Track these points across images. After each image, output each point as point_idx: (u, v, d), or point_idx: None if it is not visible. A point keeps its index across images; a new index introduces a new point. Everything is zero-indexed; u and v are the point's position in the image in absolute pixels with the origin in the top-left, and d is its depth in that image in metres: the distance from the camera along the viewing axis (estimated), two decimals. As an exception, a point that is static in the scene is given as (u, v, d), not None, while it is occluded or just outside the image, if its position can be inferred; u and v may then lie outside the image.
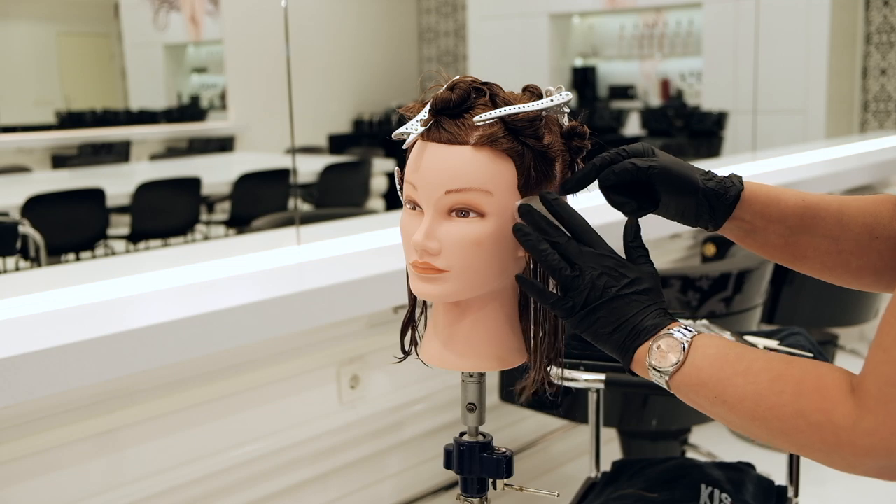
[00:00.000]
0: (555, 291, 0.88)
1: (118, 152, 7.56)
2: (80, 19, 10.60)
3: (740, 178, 0.98)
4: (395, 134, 0.92)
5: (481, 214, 0.87)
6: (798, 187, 1.35)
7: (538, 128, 0.89)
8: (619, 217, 0.96)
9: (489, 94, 0.89)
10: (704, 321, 1.59)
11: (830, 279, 1.01)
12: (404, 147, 0.92)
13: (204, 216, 5.72)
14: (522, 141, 0.88)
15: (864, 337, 3.82)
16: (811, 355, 1.49)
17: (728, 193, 0.96)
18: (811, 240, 0.98)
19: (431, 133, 0.89)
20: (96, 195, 4.62)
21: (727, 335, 1.60)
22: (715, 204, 0.96)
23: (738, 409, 0.79)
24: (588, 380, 1.50)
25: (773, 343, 1.55)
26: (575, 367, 1.54)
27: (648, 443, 2.33)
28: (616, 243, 0.88)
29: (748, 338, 1.57)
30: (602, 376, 1.50)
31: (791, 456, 1.50)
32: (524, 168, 0.88)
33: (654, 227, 2.60)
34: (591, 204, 0.99)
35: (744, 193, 0.97)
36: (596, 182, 0.94)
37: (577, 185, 0.92)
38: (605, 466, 1.72)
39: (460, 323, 0.94)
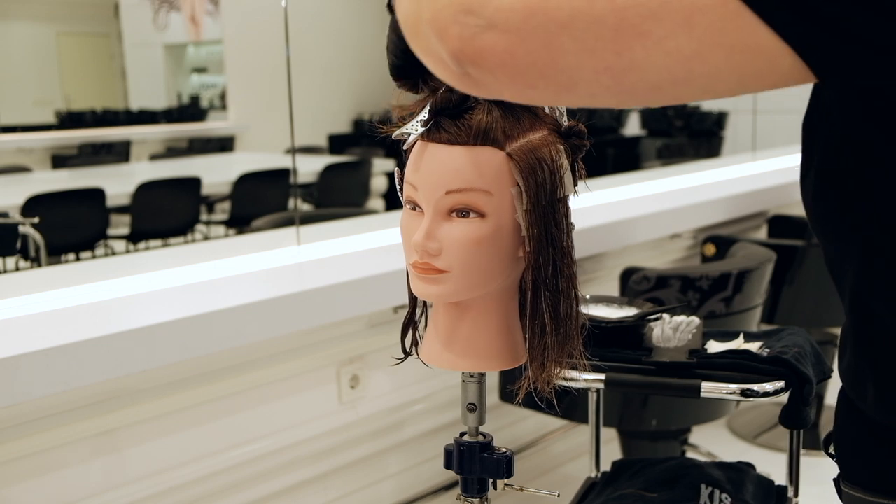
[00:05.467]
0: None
1: (118, 152, 7.56)
2: (80, 19, 10.61)
3: None
4: (396, 134, 0.92)
5: (481, 215, 0.87)
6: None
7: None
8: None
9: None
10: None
11: None
12: (404, 147, 0.92)
13: (204, 216, 5.71)
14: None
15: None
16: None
17: None
18: None
19: (431, 133, 0.89)
20: (96, 195, 4.61)
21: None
22: None
23: None
24: (588, 380, 1.50)
25: (758, 344, 1.54)
26: (574, 367, 1.53)
27: (648, 443, 2.33)
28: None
29: (747, 339, 1.57)
30: (602, 376, 1.50)
31: (791, 456, 1.50)
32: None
33: (655, 228, 2.61)
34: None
35: None
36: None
37: None
38: (605, 466, 1.72)
39: (460, 323, 0.94)
